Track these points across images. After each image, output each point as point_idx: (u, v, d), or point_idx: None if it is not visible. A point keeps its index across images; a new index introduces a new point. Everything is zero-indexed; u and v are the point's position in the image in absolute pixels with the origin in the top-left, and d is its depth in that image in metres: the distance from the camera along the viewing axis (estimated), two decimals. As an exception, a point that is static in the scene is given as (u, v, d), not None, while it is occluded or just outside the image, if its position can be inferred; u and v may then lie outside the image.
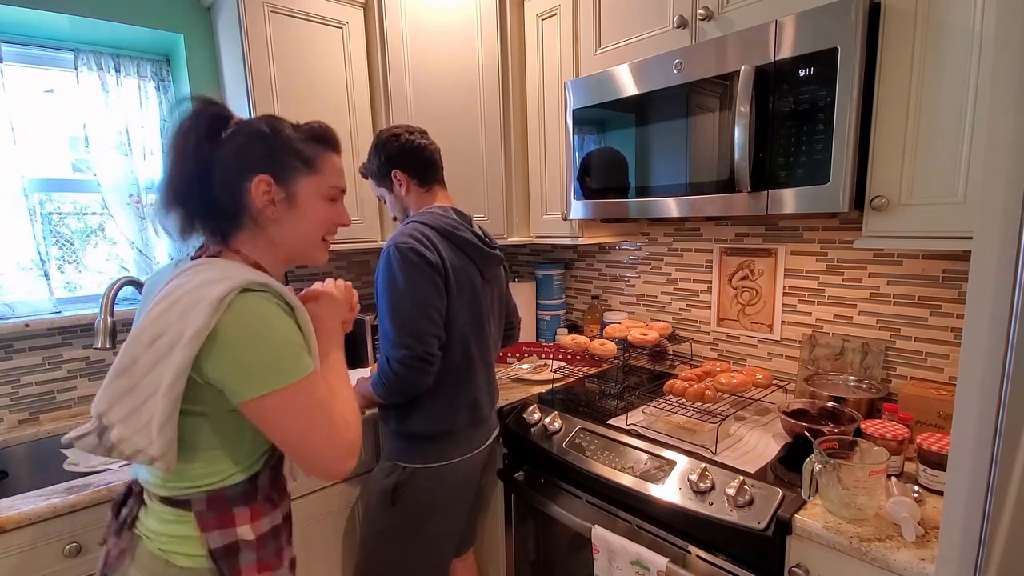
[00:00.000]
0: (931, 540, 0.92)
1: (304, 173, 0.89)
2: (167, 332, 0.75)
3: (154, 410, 0.75)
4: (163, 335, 0.75)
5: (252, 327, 0.77)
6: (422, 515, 1.35)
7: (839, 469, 0.99)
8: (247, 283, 0.78)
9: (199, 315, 0.74)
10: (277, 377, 0.78)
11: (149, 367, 0.75)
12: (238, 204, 0.86)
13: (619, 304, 2.08)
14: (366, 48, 1.83)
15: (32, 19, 1.56)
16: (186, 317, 0.74)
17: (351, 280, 2.26)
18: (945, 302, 1.32)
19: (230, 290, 0.76)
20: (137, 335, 0.76)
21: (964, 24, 0.97)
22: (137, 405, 0.76)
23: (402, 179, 1.39)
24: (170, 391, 0.74)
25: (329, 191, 0.92)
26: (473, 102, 1.82)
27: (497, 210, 1.88)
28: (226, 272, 0.79)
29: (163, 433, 0.75)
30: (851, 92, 1.06)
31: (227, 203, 0.86)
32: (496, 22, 1.77)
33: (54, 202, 1.73)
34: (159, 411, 0.75)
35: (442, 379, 1.31)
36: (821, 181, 1.11)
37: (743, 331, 1.71)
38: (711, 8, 1.30)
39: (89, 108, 1.68)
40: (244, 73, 1.61)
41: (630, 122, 1.45)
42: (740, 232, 1.68)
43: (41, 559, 1.14)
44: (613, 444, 1.36)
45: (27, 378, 1.60)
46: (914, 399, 1.24)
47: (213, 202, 0.86)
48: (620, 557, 1.23)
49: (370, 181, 1.48)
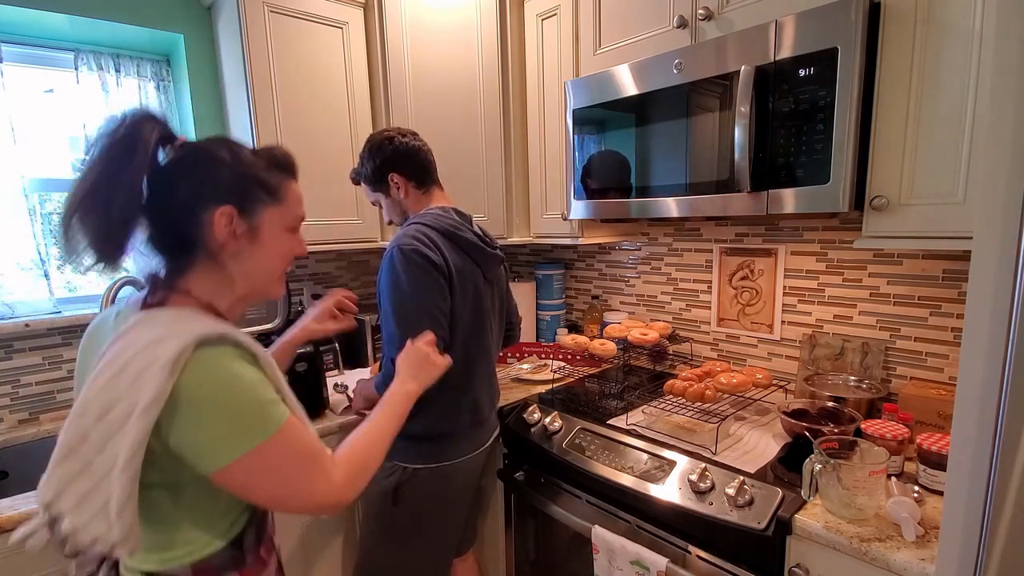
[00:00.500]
0: (931, 540, 0.92)
1: (269, 204, 0.81)
2: (119, 402, 0.66)
3: (110, 491, 0.66)
4: (114, 406, 0.66)
5: (214, 389, 0.69)
6: (423, 515, 1.35)
7: (839, 469, 0.99)
8: (201, 337, 0.69)
9: (152, 381, 0.65)
10: (248, 438, 0.70)
11: (101, 444, 0.66)
12: (192, 237, 0.77)
13: (619, 304, 2.08)
14: (366, 48, 1.83)
15: (32, 19, 1.56)
16: (137, 384, 0.65)
17: (351, 280, 2.27)
18: (945, 302, 1.32)
19: (183, 348, 0.67)
20: (83, 409, 0.67)
21: (964, 24, 0.97)
22: (90, 488, 0.67)
23: (399, 182, 1.38)
24: (127, 467, 0.65)
25: (292, 221, 0.85)
26: (473, 102, 1.82)
27: (497, 210, 1.88)
28: (177, 327, 0.70)
29: (122, 516, 0.66)
30: (851, 92, 1.06)
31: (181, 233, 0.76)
32: (496, 22, 1.77)
33: (54, 202, 1.73)
34: (117, 490, 0.65)
35: (444, 380, 1.31)
36: (821, 181, 1.11)
37: (743, 331, 1.71)
38: (711, 8, 1.30)
39: (89, 108, 1.68)
40: (244, 73, 1.61)
41: (630, 122, 1.45)
42: (740, 232, 1.68)
43: (41, 559, 1.14)
44: (613, 444, 1.36)
45: (27, 378, 1.60)
46: (914, 399, 1.24)
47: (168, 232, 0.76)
48: (620, 557, 1.22)
49: (363, 187, 1.46)
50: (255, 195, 0.80)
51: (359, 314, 1.95)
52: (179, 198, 0.76)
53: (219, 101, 1.86)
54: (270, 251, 0.83)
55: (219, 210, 0.76)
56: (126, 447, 0.65)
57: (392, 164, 1.37)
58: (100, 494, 0.67)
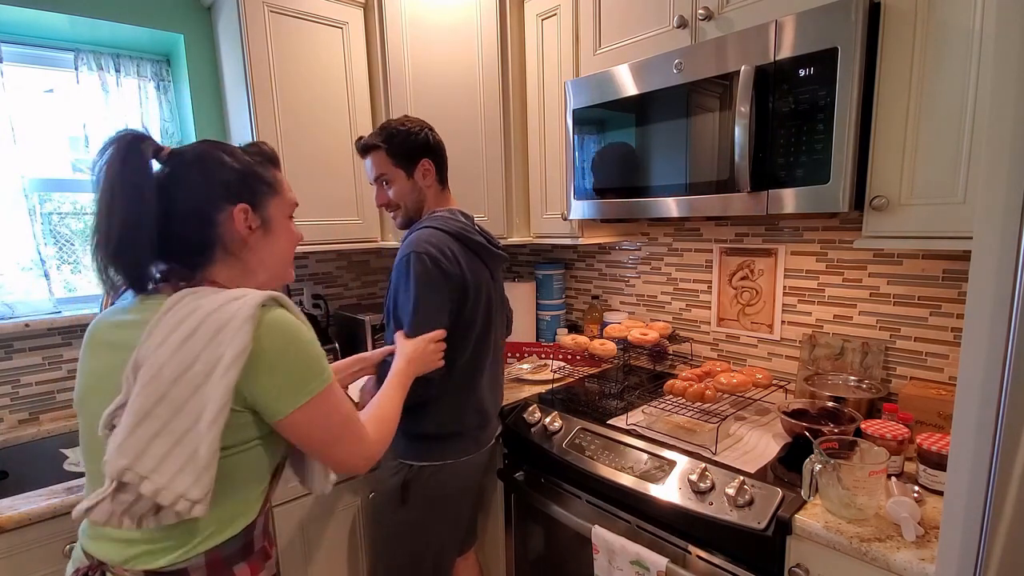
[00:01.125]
0: (931, 540, 0.92)
1: (272, 196, 0.88)
2: (197, 361, 0.71)
3: (196, 445, 0.70)
4: (192, 366, 0.71)
5: (285, 341, 0.76)
6: (430, 511, 1.36)
7: (839, 469, 0.99)
8: (264, 299, 0.76)
9: (236, 335, 0.71)
10: (309, 385, 0.78)
11: (181, 403, 0.70)
12: (209, 237, 0.82)
13: (619, 304, 2.08)
14: (366, 48, 1.83)
15: (32, 19, 1.56)
16: (217, 341, 0.71)
17: (351, 280, 2.27)
18: (945, 302, 1.32)
19: (255, 306, 0.74)
20: (155, 373, 0.70)
21: (964, 24, 0.97)
22: (169, 448, 0.70)
23: (430, 169, 1.36)
24: (216, 421, 0.71)
25: (290, 209, 0.92)
26: (473, 102, 1.82)
27: (497, 210, 1.88)
28: (234, 293, 0.77)
29: (209, 469, 0.71)
30: (851, 92, 1.06)
31: (196, 237, 0.82)
32: (496, 22, 1.77)
33: (54, 202, 1.73)
34: (205, 444, 0.70)
35: (453, 381, 1.32)
36: (821, 181, 1.11)
37: (743, 331, 1.71)
38: (711, 8, 1.30)
39: (89, 108, 1.68)
40: (244, 73, 1.61)
41: (630, 122, 1.45)
42: (740, 232, 1.68)
43: (41, 559, 1.14)
44: (613, 444, 1.36)
45: (27, 378, 1.60)
46: (914, 399, 1.24)
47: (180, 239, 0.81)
48: (620, 557, 1.23)
49: (376, 158, 1.35)
50: (261, 189, 0.87)
51: (359, 314, 1.95)
52: (191, 204, 0.81)
53: (219, 101, 1.86)
54: (281, 239, 0.90)
55: (236, 208, 0.83)
56: (215, 400, 0.70)
57: (427, 150, 1.36)
58: (181, 452, 0.70)
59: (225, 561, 0.79)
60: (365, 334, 2.00)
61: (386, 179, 1.37)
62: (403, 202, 1.38)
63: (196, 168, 0.82)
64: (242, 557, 0.81)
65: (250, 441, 0.78)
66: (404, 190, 1.37)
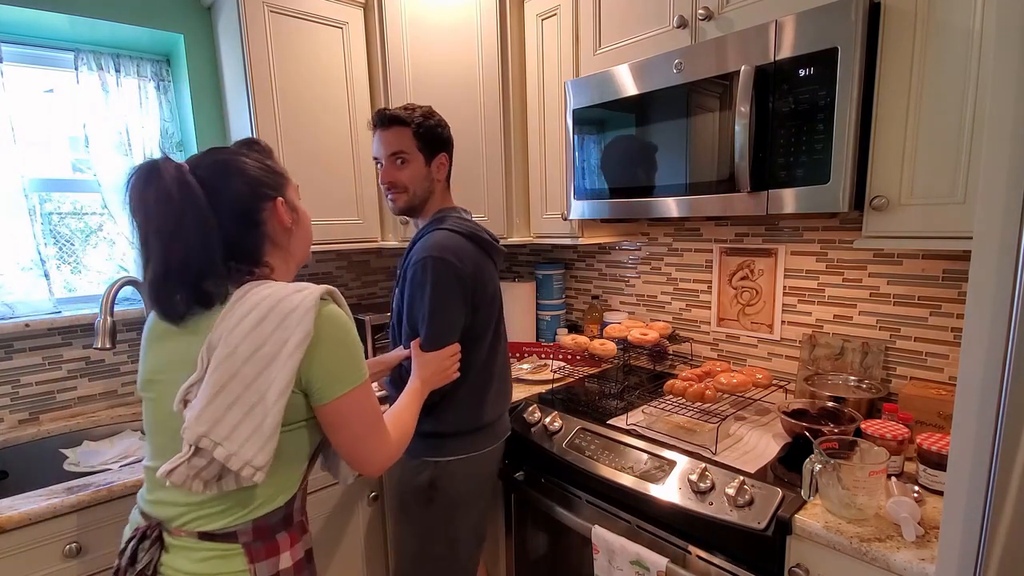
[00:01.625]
0: (931, 540, 0.92)
1: (288, 184, 0.96)
2: (266, 343, 0.79)
3: (263, 417, 0.79)
4: (262, 347, 0.79)
5: (339, 331, 0.85)
6: (458, 506, 1.35)
7: (839, 469, 0.99)
8: (323, 292, 0.86)
9: (301, 322, 0.80)
10: (354, 376, 0.87)
11: (251, 378, 0.79)
12: (259, 236, 0.90)
13: (619, 304, 2.08)
14: (366, 48, 1.83)
15: (32, 19, 1.56)
16: (285, 326, 0.80)
17: (351, 280, 2.27)
18: (945, 302, 1.32)
19: (317, 298, 0.83)
20: (230, 352, 0.78)
21: (964, 24, 0.97)
22: (240, 418, 0.78)
23: (445, 164, 1.37)
24: (282, 395, 0.79)
25: (298, 192, 0.99)
26: (473, 102, 1.82)
27: (497, 210, 1.88)
28: (296, 285, 0.86)
29: (272, 439, 0.79)
30: (851, 92, 1.06)
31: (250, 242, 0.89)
32: (496, 22, 1.77)
33: (54, 202, 1.73)
34: (271, 416, 0.79)
35: (470, 380, 1.32)
36: (821, 181, 1.11)
37: (743, 331, 1.71)
38: (711, 8, 1.30)
39: (89, 108, 1.68)
40: (244, 73, 1.61)
41: (630, 122, 1.45)
42: (740, 232, 1.68)
43: (41, 559, 1.14)
44: (613, 444, 1.36)
45: (27, 378, 1.60)
46: (914, 399, 1.24)
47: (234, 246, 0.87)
48: (620, 557, 1.23)
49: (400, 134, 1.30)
50: (283, 182, 0.94)
51: (359, 314, 1.95)
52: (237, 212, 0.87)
53: (219, 101, 1.86)
54: (305, 220, 0.99)
55: (276, 202, 0.91)
56: (282, 378, 0.79)
57: (447, 146, 1.37)
58: (250, 423, 0.78)
59: (270, 529, 0.87)
60: (365, 334, 2.00)
61: (404, 157, 1.31)
62: (413, 187, 1.33)
63: (229, 178, 0.87)
64: (284, 527, 0.89)
65: (298, 422, 0.86)
66: (419, 175, 1.32)
